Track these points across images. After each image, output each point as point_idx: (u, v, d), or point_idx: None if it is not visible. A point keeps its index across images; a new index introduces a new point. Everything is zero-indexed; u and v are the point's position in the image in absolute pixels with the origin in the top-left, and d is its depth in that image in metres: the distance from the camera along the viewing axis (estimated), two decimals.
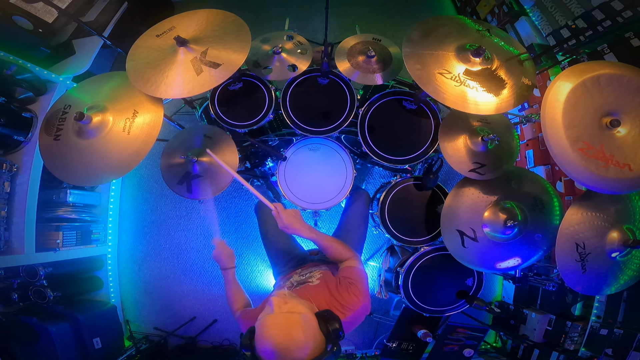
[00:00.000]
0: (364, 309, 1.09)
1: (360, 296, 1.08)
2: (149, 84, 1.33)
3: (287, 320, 0.88)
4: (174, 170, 1.56)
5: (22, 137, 2.00)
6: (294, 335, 0.85)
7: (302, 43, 1.72)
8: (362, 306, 1.08)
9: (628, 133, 1.21)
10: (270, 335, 0.85)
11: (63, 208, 2.23)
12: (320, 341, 0.88)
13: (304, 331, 0.86)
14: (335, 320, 0.92)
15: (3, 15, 1.83)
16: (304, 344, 0.85)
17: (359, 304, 1.07)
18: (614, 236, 1.35)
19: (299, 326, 0.87)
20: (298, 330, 0.86)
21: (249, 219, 2.63)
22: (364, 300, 1.09)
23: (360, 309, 1.08)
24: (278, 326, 0.86)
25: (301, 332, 0.86)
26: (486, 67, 1.33)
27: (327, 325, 0.90)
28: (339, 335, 0.90)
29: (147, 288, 2.66)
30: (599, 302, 1.95)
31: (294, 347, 0.83)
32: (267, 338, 0.85)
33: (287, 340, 0.84)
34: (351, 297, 1.08)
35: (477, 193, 1.51)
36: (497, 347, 2.53)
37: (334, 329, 0.90)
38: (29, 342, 1.99)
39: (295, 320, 0.88)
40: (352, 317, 1.06)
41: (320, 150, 1.71)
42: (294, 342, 0.84)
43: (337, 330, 0.90)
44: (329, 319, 0.92)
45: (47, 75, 2.11)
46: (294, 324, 0.87)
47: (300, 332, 0.86)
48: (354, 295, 1.08)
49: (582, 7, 1.92)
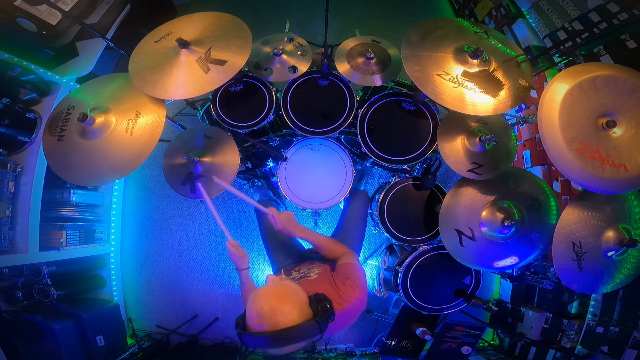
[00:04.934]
0: (360, 301, 1.11)
1: (356, 288, 1.11)
2: (157, 88, 1.34)
3: (278, 289, 0.94)
4: (176, 171, 1.58)
5: (26, 138, 2.01)
6: (281, 302, 0.89)
7: (302, 45, 1.74)
8: (358, 298, 1.10)
9: (624, 134, 1.22)
10: (259, 301, 0.90)
11: (66, 208, 2.25)
12: (307, 314, 0.91)
13: (291, 301, 0.91)
14: (327, 300, 0.95)
15: (7, 17, 1.84)
16: (288, 311, 0.88)
17: (355, 296, 1.10)
18: (609, 235, 1.36)
19: (288, 295, 0.92)
20: (286, 299, 0.91)
21: (249, 219, 2.65)
22: (360, 293, 1.11)
23: (357, 300, 1.10)
24: (268, 294, 0.92)
25: (288, 302, 0.90)
26: (484, 69, 1.34)
27: (317, 304, 0.93)
28: (329, 313, 0.93)
29: (149, 286, 2.68)
30: (595, 300, 1.97)
31: (279, 311, 0.88)
32: (256, 304, 0.89)
33: (275, 304, 0.89)
34: (347, 289, 1.11)
35: (475, 193, 1.53)
36: (494, 344, 2.54)
37: (324, 307, 0.93)
38: (33, 340, 2.00)
39: (285, 290, 0.94)
40: (349, 308, 1.09)
41: (320, 151, 1.73)
42: (280, 307, 0.88)
43: (327, 308, 0.93)
44: (321, 299, 0.95)
45: (51, 76, 2.13)
46: (284, 293, 0.93)
47: (287, 301, 0.90)
48: (350, 288, 1.11)
49: (578, 9, 1.94)
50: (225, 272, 2.68)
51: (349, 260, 1.24)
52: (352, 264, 1.21)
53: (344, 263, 1.22)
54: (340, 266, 1.22)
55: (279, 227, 1.29)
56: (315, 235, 1.35)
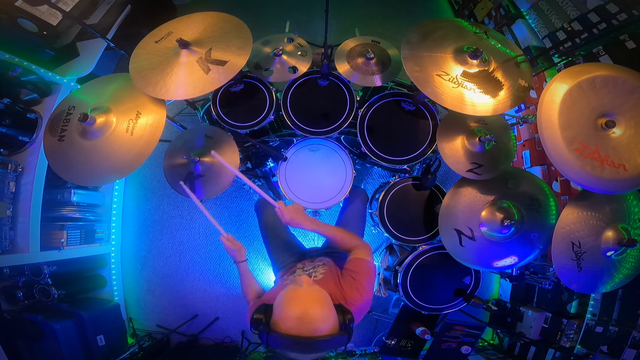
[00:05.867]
0: (366, 304, 1.09)
1: (362, 292, 1.08)
2: (158, 88, 1.35)
3: (318, 294, 0.94)
4: (177, 171, 1.58)
5: (27, 138, 2.02)
6: (322, 307, 0.90)
7: (302, 45, 1.75)
8: (364, 302, 1.08)
9: (623, 134, 1.22)
10: (300, 302, 0.89)
11: (67, 207, 2.26)
12: (336, 323, 0.91)
13: (328, 308, 0.91)
14: (348, 312, 0.95)
15: (8, 17, 1.85)
16: (327, 318, 0.89)
17: (361, 300, 1.07)
18: (609, 235, 1.37)
19: (326, 302, 0.92)
20: (325, 305, 0.91)
21: (249, 219, 2.66)
22: (366, 297, 1.08)
23: (363, 304, 1.07)
24: (309, 297, 0.91)
25: (327, 308, 0.91)
26: (483, 69, 1.34)
27: (343, 314, 0.93)
28: (351, 326, 0.93)
29: (149, 286, 2.68)
30: (594, 300, 1.97)
31: (319, 318, 0.87)
32: (296, 306, 0.88)
33: (315, 310, 0.88)
34: (353, 292, 1.08)
35: (475, 193, 1.53)
36: (494, 344, 2.55)
37: (348, 319, 0.93)
38: (33, 340, 2.01)
39: (323, 296, 0.94)
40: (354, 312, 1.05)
41: (321, 151, 1.73)
42: (320, 314, 0.88)
43: (350, 320, 0.94)
44: (344, 310, 0.95)
45: (52, 77, 2.13)
46: (323, 299, 0.93)
47: (326, 307, 0.91)
48: (356, 291, 1.08)
49: (577, 10, 1.94)
50: (225, 272, 2.68)
51: (362, 255, 1.18)
52: (364, 260, 1.16)
53: (356, 258, 1.17)
54: (352, 261, 1.17)
55: (286, 219, 1.19)
56: (325, 226, 1.26)
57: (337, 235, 1.25)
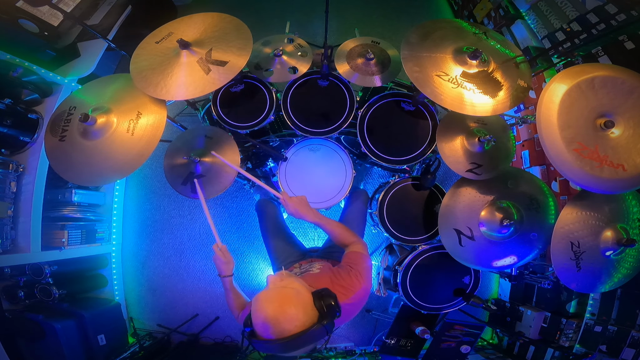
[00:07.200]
0: (365, 291, 1.08)
1: (360, 278, 1.08)
2: (158, 88, 1.35)
3: (279, 294, 0.90)
4: (177, 171, 1.59)
5: (28, 138, 2.02)
6: (284, 308, 0.86)
7: (302, 46, 1.75)
8: (362, 288, 1.07)
9: (622, 134, 1.23)
10: (262, 307, 0.86)
11: (68, 207, 2.26)
12: (312, 315, 0.88)
13: (294, 304, 0.87)
14: (331, 297, 0.92)
15: (9, 18, 1.85)
16: (293, 316, 0.85)
17: (359, 286, 1.07)
18: (608, 235, 1.37)
19: (290, 299, 0.88)
20: (289, 303, 0.87)
21: (250, 219, 2.66)
22: (364, 283, 1.08)
23: (361, 290, 1.07)
24: (270, 299, 0.88)
25: (292, 306, 0.87)
26: (483, 70, 1.35)
27: (321, 302, 0.90)
28: (334, 311, 0.90)
29: (150, 286, 2.69)
30: (593, 299, 1.98)
31: (283, 319, 0.84)
32: (259, 311, 0.86)
33: (278, 312, 0.85)
34: (352, 279, 1.08)
35: (474, 193, 1.54)
36: (493, 343, 2.55)
37: (328, 305, 0.90)
38: (35, 339, 2.01)
39: (286, 293, 0.90)
40: (354, 298, 1.05)
41: (321, 151, 1.74)
42: (283, 314, 0.85)
43: (332, 306, 0.90)
44: (324, 295, 0.91)
45: (53, 77, 2.14)
46: (285, 297, 0.89)
47: (291, 305, 0.87)
48: (354, 277, 1.08)
49: (577, 10, 1.94)
50: None
51: (358, 249, 1.20)
52: (360, 253, 1.17)
53: (353, 251, 1.19)
54: (348, 254, 1.18)
55: (290, 210, 1.23)
56: (327, 219, 1.29)
57: (337, 230, 1.28)
